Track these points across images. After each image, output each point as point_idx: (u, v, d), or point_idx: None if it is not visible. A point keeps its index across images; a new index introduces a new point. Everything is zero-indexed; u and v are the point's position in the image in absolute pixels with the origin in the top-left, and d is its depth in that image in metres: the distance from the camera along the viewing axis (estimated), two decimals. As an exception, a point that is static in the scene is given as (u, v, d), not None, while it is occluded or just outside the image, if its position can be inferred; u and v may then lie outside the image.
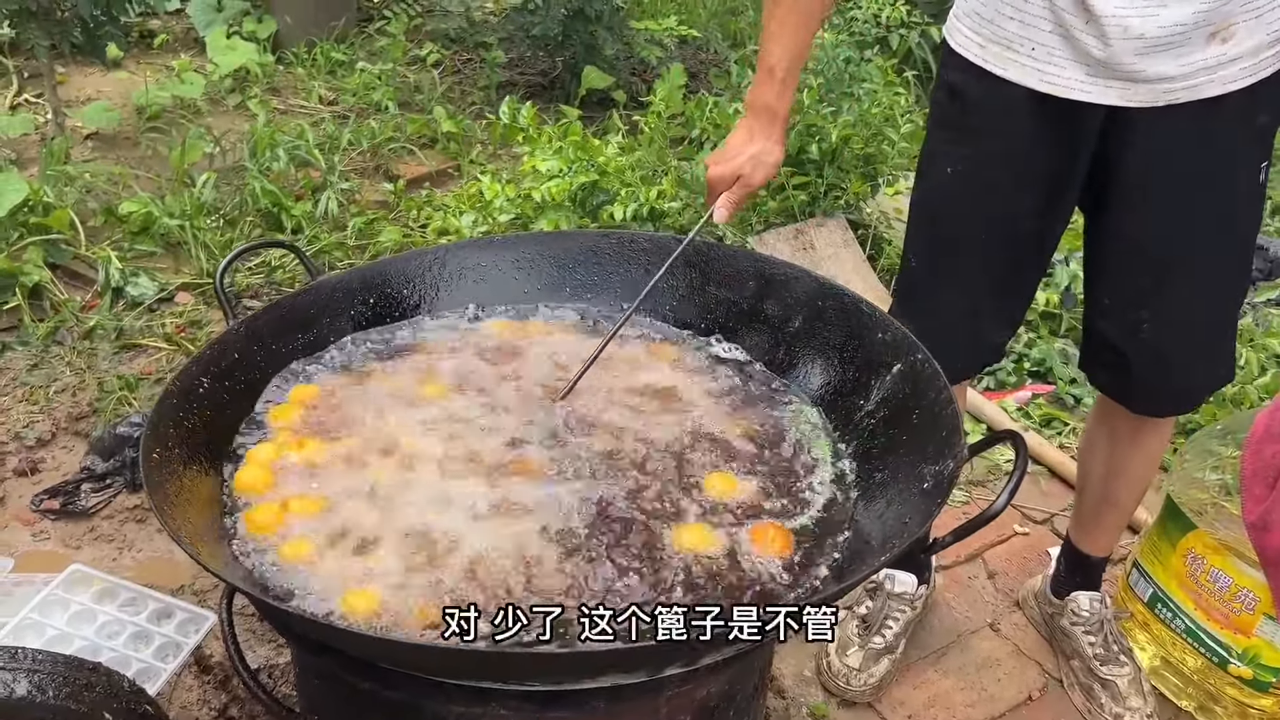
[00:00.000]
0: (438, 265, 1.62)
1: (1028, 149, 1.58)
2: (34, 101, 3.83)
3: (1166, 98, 1.48)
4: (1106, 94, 1.49)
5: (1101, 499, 1.93)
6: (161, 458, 1.19)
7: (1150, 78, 1.46)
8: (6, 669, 1.29)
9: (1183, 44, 1.44)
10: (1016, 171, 1.60)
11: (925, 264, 1.75)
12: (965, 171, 1.64)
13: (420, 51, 4.35)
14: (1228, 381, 1.77)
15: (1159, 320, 1.65)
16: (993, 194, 1.63)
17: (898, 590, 2.02)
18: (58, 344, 2.71)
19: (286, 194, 3.20)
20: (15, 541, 2.17)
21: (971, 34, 1.59)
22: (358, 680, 1.13)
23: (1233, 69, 1.46)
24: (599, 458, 1.33)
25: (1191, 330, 1.67)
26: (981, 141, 1.61)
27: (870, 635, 1.99)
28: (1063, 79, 1.50)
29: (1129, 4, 1.42)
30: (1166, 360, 1.69)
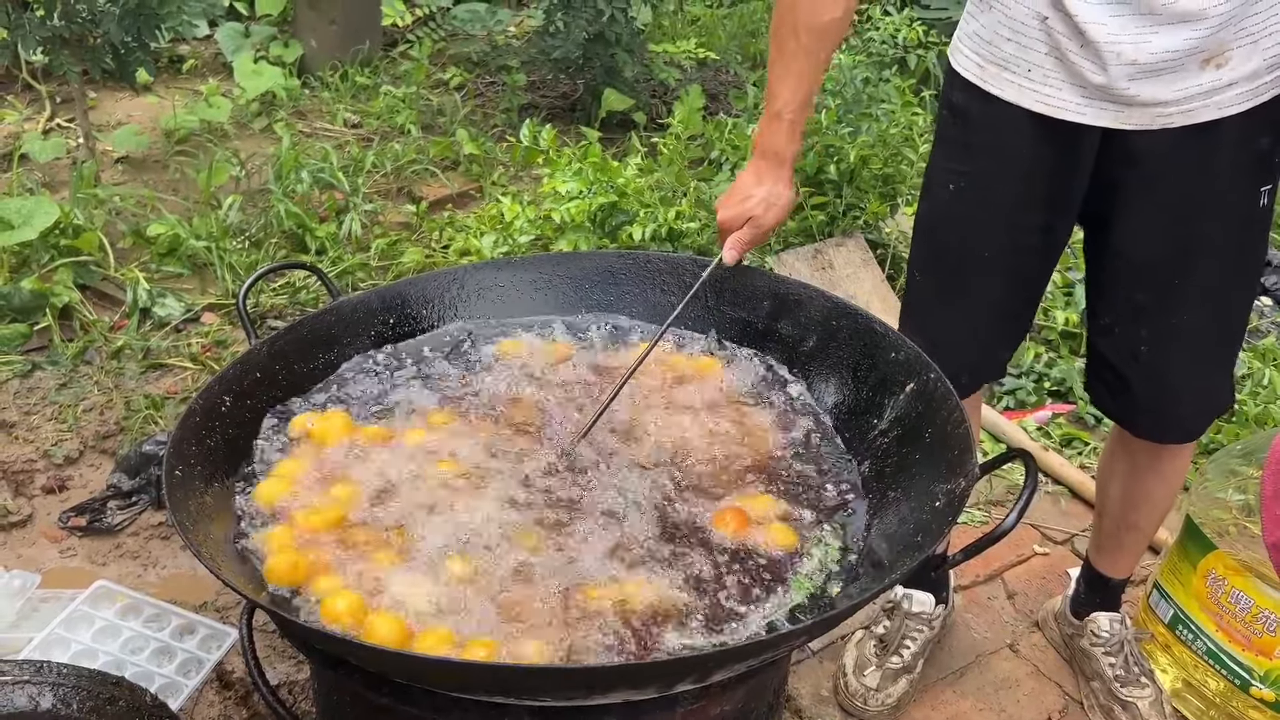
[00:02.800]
0: (456, 285, 1.64)
1: (1028, 168, 1.59)
2: (65, 126, 3.90)
3: (1161, 121, 1.50)
4: (1101, 116, 1.51)
5: (1120, 523, 1.92)
6: (184, 475, 1.21)
7: (1145, 102, 1.48)
8: (33, 682, 1.31)
9: (1176, 69, 1.45)
10: (1016, 190, 1.62)
11: (928, 280, 1.77)
12: (965, 189, 1.66)
13: (444, 75, 4.40)
14: (1228, 407, 1.78)
15: (1158, 340, 1.66)
16: (993, 212, 1.64)
17: (915, 610, 2.01)
18: (86, 363, 2.75)
19: (311, 216, 3.24)
20: (43, 558, 2.20)
21: (972, 55, 1.61)
22: (375, 696, 1.15)
23: (1229, 94, 1.47)
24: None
25: (1192, 352, 1.67)
26: (982, 160, 1.63)
27: (888, 655, 1.98)
28: (1058, 100, 1.52)
29: (1122, 30, 1.43)
30: (1166, 384, 1.70)
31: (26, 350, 2.77)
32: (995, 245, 1.66)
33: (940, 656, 2.09)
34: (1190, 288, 1.61)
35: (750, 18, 5.02)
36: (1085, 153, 1.56)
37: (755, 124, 3.52)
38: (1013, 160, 1.60)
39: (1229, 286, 1.64)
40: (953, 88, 1.66)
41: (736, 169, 3.44)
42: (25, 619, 1.93)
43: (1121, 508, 1.90)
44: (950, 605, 2.11)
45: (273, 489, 1.30)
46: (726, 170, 3.46)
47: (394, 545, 1.24)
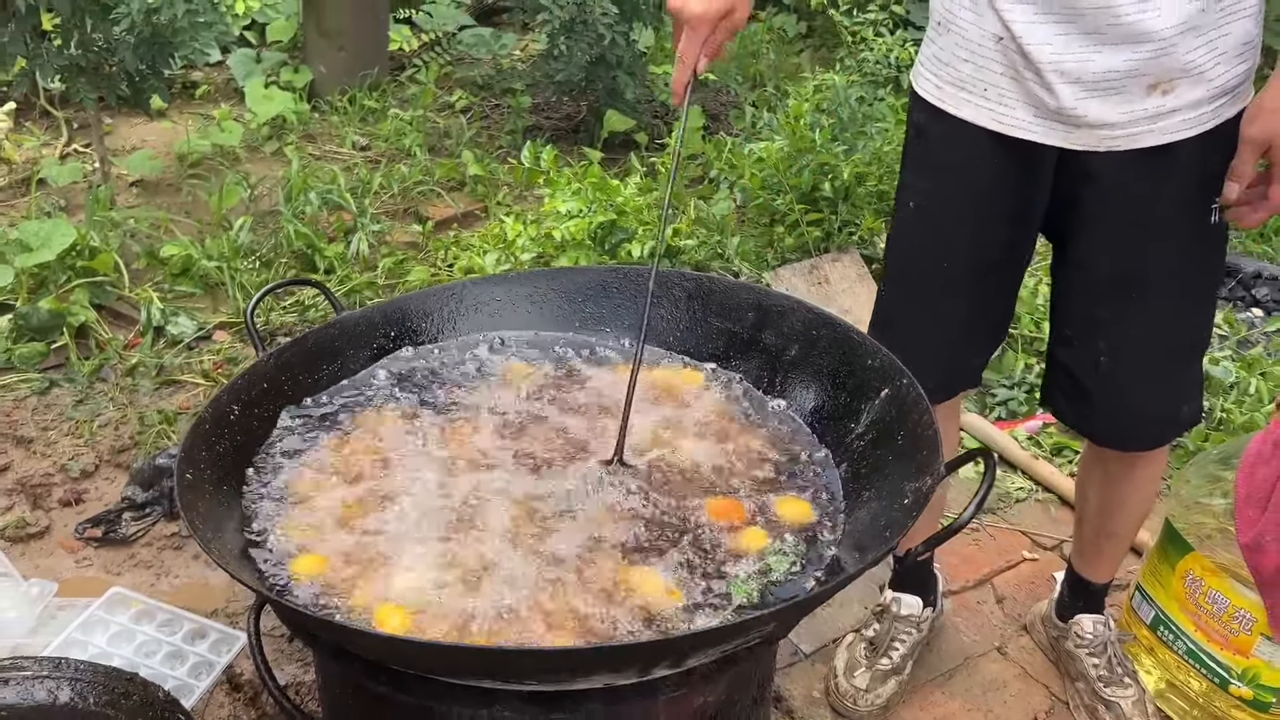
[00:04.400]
0: (454, 300, 1.72)
1: (989, 185, 1.66)
2: (82, 151, 4.01)
3: (1107, 143, 1.55)
4: (1051, 135, 1.57)
5: (1099, 530, 1.98)
6: (194, 478, 1.29)
7: (1092, 122, 1.54)
8: (51, 677, 1.38)
9: (1121, 91, 1.51)
10: (979, 206, 1.68)
11: (896, 293, 1.83)
12: (929, 207, 1.72)
13: (450, 98, 4.50)
14: (1195, 422, 1.82)
15: (1116, 353, 1.71)
16: (956, 228, 1.71)
17: (904, 613, 2.07)
18: (102, 380, 2.84)
19: (320, 236, 3.33)
20: (59, 567, 2.27)
21: (931, 76, 1.68)
22: (374, 685, 1.21)
23: (1173, 120, 1.53)
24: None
25: (1148, 364, 1.71)
26: (944, 178, 1.70)
27: (878, 657, 2.04)
28: (1013, 119, 1.58)
29: (1066, 49, 1.49)
30: (1125, 392, 1.74)
31: (44, 368, 2.86)
32: (959, 260, 1.72)
33: (929, 659, 2.15)
34: (1146, 304, 1.66)
35: (751, 39, 5.11)
36: (1045, 170, 1.62)
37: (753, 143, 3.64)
38: (974, 177, 1.66)
39: (1185, 302, 1.69)
40: (915, 109, 1.73)
41: (735, 187, 3.53)
42: (43, 625, 2.01)
43: (1099, 515, 1.96)
44: (939, 609, 2.16)
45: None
46: (724, 189, 3.55)
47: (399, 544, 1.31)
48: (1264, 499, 1.78)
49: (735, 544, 1.33)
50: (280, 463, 1.44)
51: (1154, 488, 1.92)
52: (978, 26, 1.57)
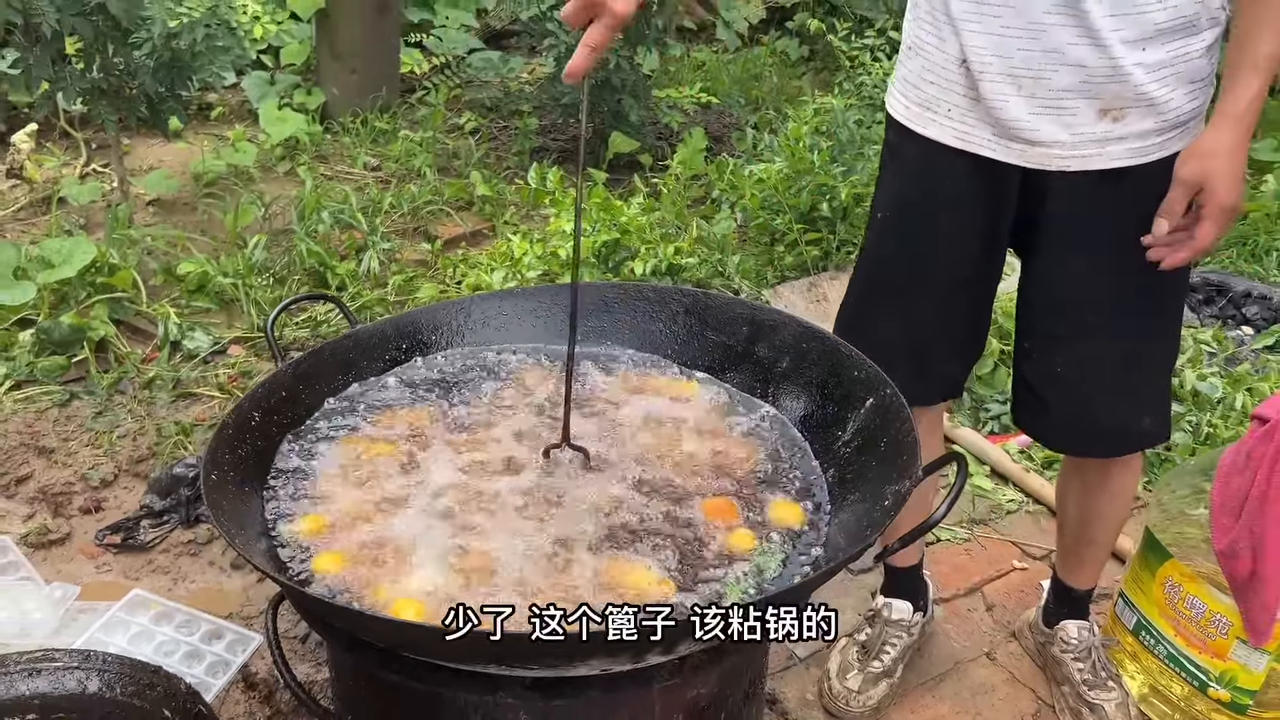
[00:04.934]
0: (463, 314, 1.80)
1: (956, 202, 1.74)
2: (101, 171, 4.12)
3: (1058, 163, 1.63)
4: (1008, 153, 1.65)
5: (1078, 539, 2.05)
6: (219, 479, 1.37)
7: (1043, 140, 1.62)
8: (80, 668, 1.46)
9: (1074, 112, 1.59)
10: (947, 223, 1.76)
11: (864, 300, 1.89)
12: (899, 222, 1.81)
13: (459, 120, 4.61)
14: (1161, 437, 1.87)
15: (1074, 368, 1.77)
16: (925, 243, 1.79)
17: (894, 617, 2.14)
18: (120, 393, 2.93)
19: (332, 254, 3.43)
20: (80, 572, 2.35)
21: (901, 97, 1.77)
22: (386, 673, 1.29)
23: (1120, 147, 1.61)
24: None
25: (1106, 380, 1.77)
26: (913, 195, 1.79)
27: (869, 660, 2.11)
28: (974, 136, 1.67)
29: (1024, 65, 1.57)
30: (1083, 405, 1.80)
31: (65, 381, 2.95)
32: (927, 274, 1.80)
33: (920, 663, 2.22)
34: (1103, 322, 1.73)
35: (754, 63, 5.22)
36: (1010, 188, 1.70)
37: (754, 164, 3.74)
38: (942, 195, 1.74)
39: (1145, 321, 1.74)
40: (889, 129, 1.82)
41: (736, 207, 3.62)
42: (65, 626, 2.08)
43: (1077, 523, 2.03)
44: (929, 614, 2.24)
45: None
46: (726, 209, 3.64)
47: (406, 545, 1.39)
48: (1237, 508, 1.86)
49: (726, 543, 1.41)
50: (299, 465, 1.53)
51: (1128, 497, 1.99)
52: (941, 50, 1.66)
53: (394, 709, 1.39)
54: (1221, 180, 1.52)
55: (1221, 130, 1.53)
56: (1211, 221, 1.55)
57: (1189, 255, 1.59)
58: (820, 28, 3.94)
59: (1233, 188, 1.53)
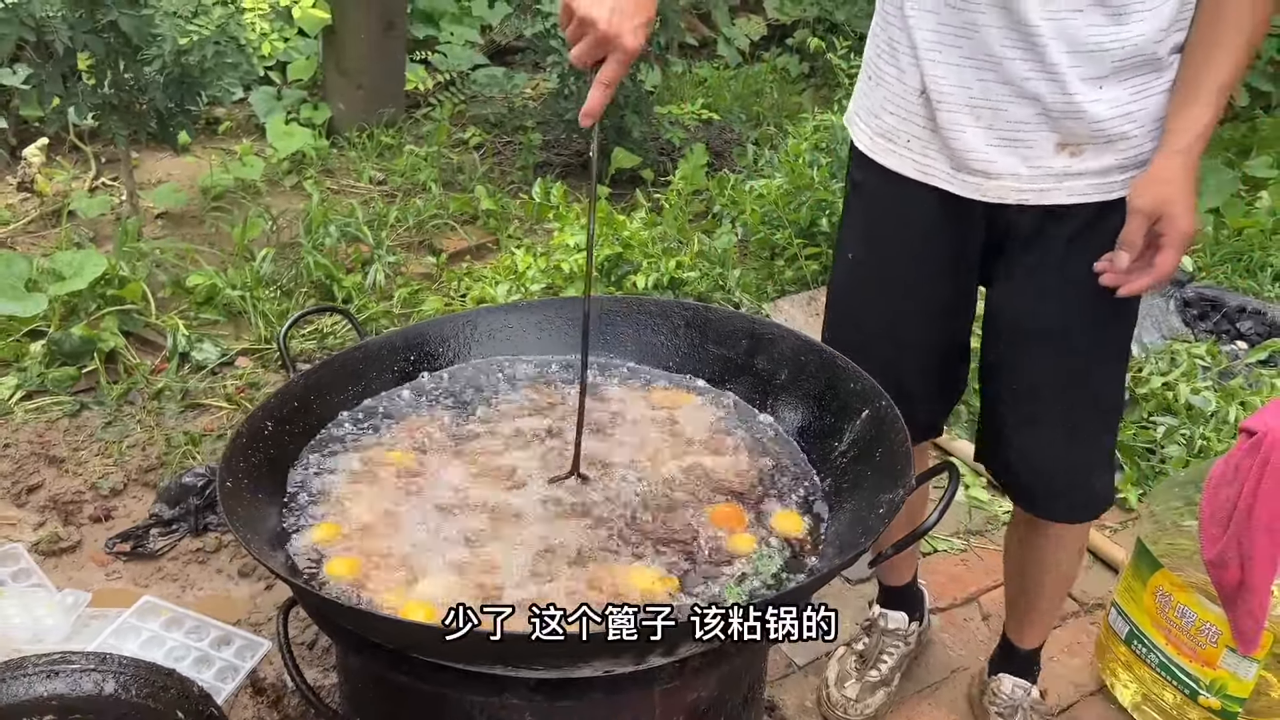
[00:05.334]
0: (470, 326, 1.85)
1: (922, 236, 1.70)
2: (110, 184, 4.17)
3: (1016, 197, 1.59)
4: (966, 187, 1.61)
5: (1019, 593, 2.02)
6: (233, 486, 1.41)
7: (1000, 173, 1.58)
8: (97, 670, 1.50)
9: (1031, 145, 1.56)
10: (914, 256, 1.72)
11: (832, 344, 1.78)
12: (866, 259, 1.78)
13: (463, 135, 4.66)
14: (1107, 501, 1.82)
15: (1026, 401, 1.72)
16: (893, 279, 1.75)
17: (891, 627, 2.18)
18: (130, 403, 2.97)
19: (338, 267, 3.48)
20: (90, 580, 2.39)
21: (864, 128, 1.73)
22: (394, 674, 1.33)
23: (1079, 183, 1.57)
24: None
25: (1056, 417, 1.72)
26: (877, 229, 1.75)
27: (867, 669, 2.14)
28: (933, 170, 1.63)
29: (983, 95, 1.54)
30: (1035, 446, 1.76)
31: (75, 391, 3.00)
32: (896, 312, 1.76)
33: (917, 672, 2.25)
34: (1053, 357, 1.68)
35: (755, 79, 5.28)
36: (974, 221, 1.66)
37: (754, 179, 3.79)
38: (907, 230, 1.70)
39: (1094, 359, 1.69)
40: (853, 163, 1.78)
41: (737, 222, 3.67)
42: (77, 633, 2.12)
43: (1018, 580, 2.00)
44: (925, 623, 2.27)
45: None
46: (727, 224, 3.69)
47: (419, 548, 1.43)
48: (1226, 518, 1.90)
49: (728, 549, 1.45)
50: (312, 474, 1.57)
51: (1068, 565, 1.93)
52: (900, 81, 1.62)
53: (402, 710, 1.43)
54: (1180, 208, 1.49)
55: (1173, 160, 1.51)
56: (1173, 249, 1.51)
57: (1149, 283, 1.54)
58: (820, 46, 3.99)
59: (1190, 215, 1.50)
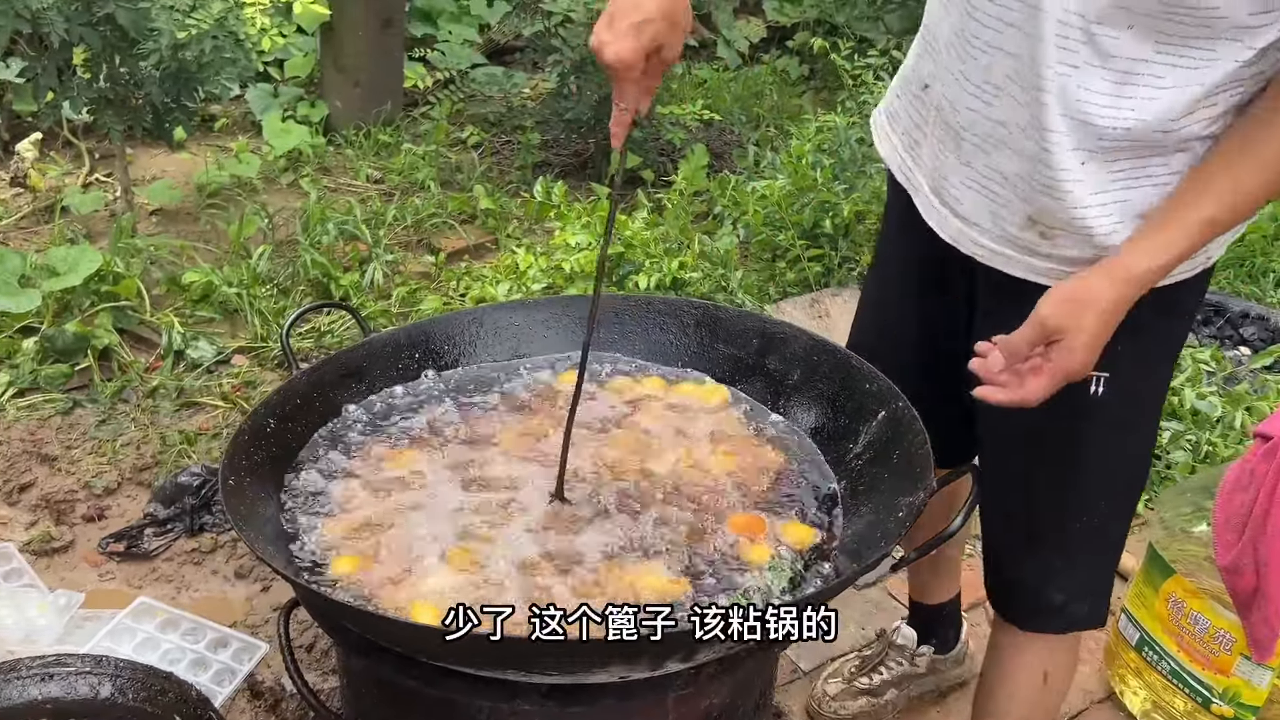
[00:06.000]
0: (475, 324, 1.81)
1: (920, 252, 1.53)
2: (104, 180, 4.13)
3: (971, 248, 1.40)
4: (932, 214, 1.44)
5: (981, 709, 1.79)
6: (236, 484, 1.38)
7: (966, 215, 1.38)
8: (94, 673, 1.47)
9: (1003, 203, 1.34)
10: (909, 272, 1.61)
11: (856, 348, 1.71)
12: (876, 270, 1.73)
13: (462, 134, 4.62)
14: (1065, 620, 1.58)
15: (989, 477, 1.50)
16: (893, 295, 1.67)
17: (898, 642, 2.13)
18: (124, 401, 2.93)
19: (335, 265, 3.44)
20: (83, 581, 2.35)
21: (883, 106, 1.58)
22: (402, 679, 1.30)
23: (1045, 264, 1.35)
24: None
25: (1013, 526, 1.57)
26: (890, 248, 1.68)
27: (859, 674, 2.11)
28: (915, 180, 1.47)
29: (970, 126, 1.33)
30: (986, 531, 1.64)
31: (68, 389, 2.95)
32: (903, 339, 1.65)
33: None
34: (999, 448, 1.52)
35: (755, 80, 5.25)
36: (953, 251, 1.45)
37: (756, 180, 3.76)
38: (905, 239, 1.56)
39: (1044, 471, 1.49)
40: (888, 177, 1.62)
41: (739, 223, 3.64)
42: (70, 634, 2.08)
43: (981, 682, 1.79)
44: (953, 653, 2.14)
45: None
46: (728, 225, 3.66)
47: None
48: (1241, 524, 1.87)
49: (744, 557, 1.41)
50: (313, 472, 1.53)
51: (1026, 691, 1.65)
52: (917, 71, 1.46)
53: (407, 715, 1.39)
54: (1085, 342, 1.24)
55: (1112, 283, 1.24)
56: (1048, 380, 1.27)
57: (1006, 401, 1.29)
58: (824, 47, 3.97)
59: (1088, 357, 1.26)
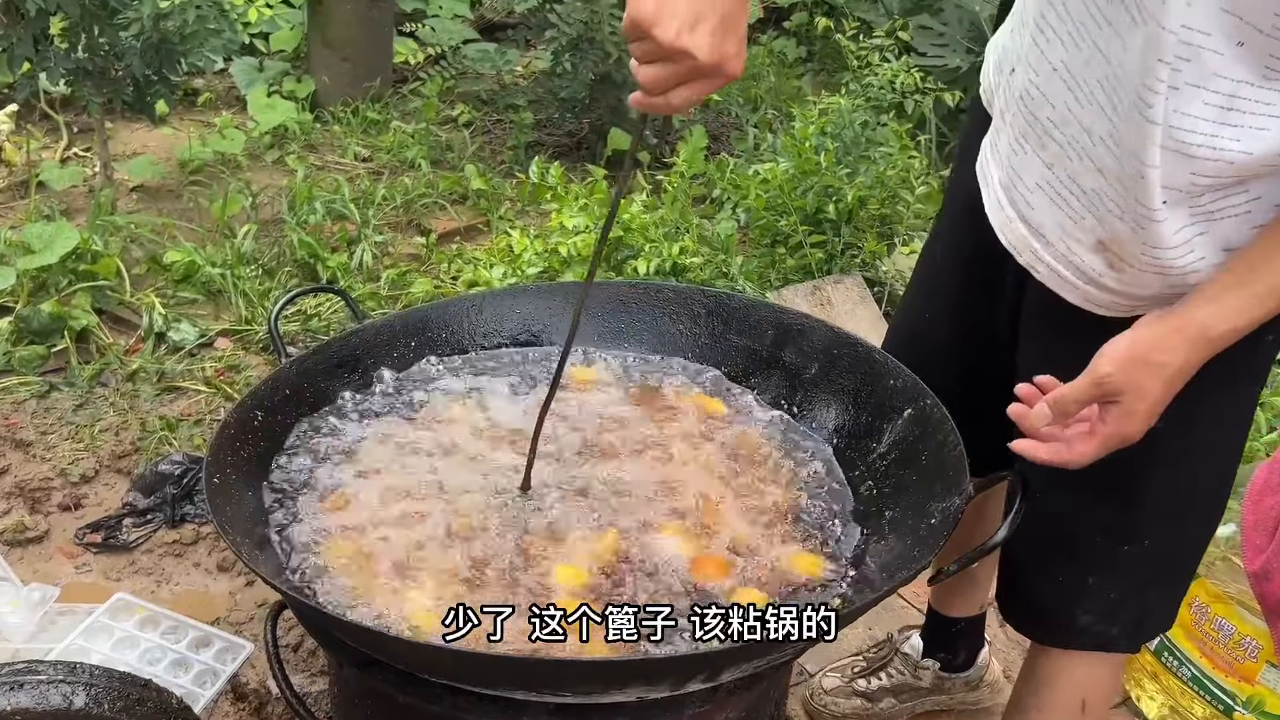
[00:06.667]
0: (474, 311, 1.72)
1: (971, 240, 1.41)
2: (83, 155, 3.99)
3: (1032, 262, 1.27)
4: (996, 210, 1.31)
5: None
6: (221, 482, 1.28)
7: (1032, 220, 1.26)
8: (66, 682, 1.37)
9: (1075, 219, 1.21)
10: (958, 265, 1.51)
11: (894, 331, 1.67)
12: (923, 259, 1.62)
13: (452, 112, 4.51)
14: (1093, 640, 1.43)
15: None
16: (938, 285, 1.57)
17: (904, 650, 2.05)
18: (102, 385, 2.82)
19: (323, 246, 3.33)
20: (59, 573, 2.25)
21: (990, 57, 1.40)
22: (399, 694, 1.21)
23: (1103, 296, 1.23)
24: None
25: (1043, 541, 1.40)
26: (942, 225, 1.57)
27: (859, 675, 2.04)
28: (987, 167, 1.34)
29: (1058, 123, 1.18)
30: (1015, 554, 1.48)
31: (44, 371, 2.84)
32: (941, 323, 1.55)
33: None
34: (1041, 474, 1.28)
35: (751, 62, 5.15)
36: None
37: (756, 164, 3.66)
38: (959, 229, 1.46)
39: (1086, 495, 1.35)
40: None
41: (738, 208, 3.55)
42: (44, 630, 1.99)
43: (1010, 712, 1.66)
44: (965, 675, 2.03)
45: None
46: (728, 209, 3.57)
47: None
48: (1271, 527, 1.80)
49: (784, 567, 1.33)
50: (303, 468, 1.44)
51: (1069, 711, 1.51)
52: (1006, 48, 1.32)
53: (403, 730, 1.30)
54: (1147, 409, 1.14)
55: (1184, 343, 1.12)
56: (1102, 445, 1.16)
57: (1050, 460, 1.18)
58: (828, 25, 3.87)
59: (1151, 421, 1.15)
